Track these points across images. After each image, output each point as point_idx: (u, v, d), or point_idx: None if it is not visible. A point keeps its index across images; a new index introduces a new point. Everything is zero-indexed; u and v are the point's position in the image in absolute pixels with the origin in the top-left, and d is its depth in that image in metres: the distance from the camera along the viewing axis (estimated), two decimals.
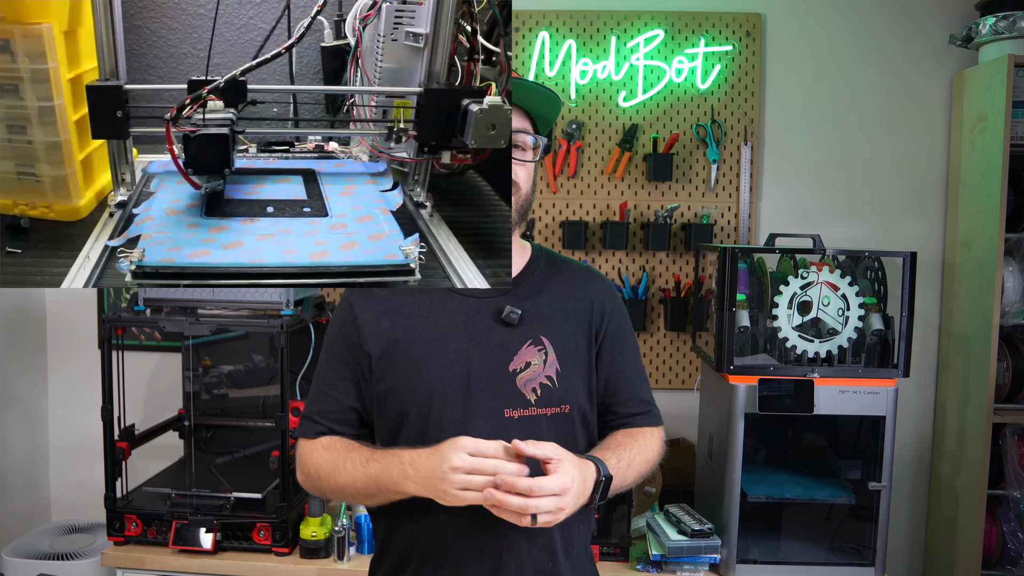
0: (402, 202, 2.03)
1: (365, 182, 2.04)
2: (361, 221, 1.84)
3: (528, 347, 1.31)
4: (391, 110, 2.04)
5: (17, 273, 1.83)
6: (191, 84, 1.80)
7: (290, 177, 2.08)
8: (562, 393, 1.32)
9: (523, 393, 1.30)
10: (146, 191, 2.02)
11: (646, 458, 1.35)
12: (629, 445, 1.32)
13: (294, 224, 1.80)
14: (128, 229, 1.79)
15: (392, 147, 2.06)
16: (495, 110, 1.82)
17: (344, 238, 1.74)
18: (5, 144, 1.96)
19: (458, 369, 1.29)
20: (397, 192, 2.07)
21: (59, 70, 1.90)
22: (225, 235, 1.73)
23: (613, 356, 1.38)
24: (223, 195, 1.97)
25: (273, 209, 1.88)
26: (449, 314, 1.33)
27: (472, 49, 2.12)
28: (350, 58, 2.15)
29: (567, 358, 1.34)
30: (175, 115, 1.71)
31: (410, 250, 1.67)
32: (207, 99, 1.75)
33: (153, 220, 1.79)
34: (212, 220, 1.81)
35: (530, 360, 1.31)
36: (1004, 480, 2.38)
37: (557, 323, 1.35)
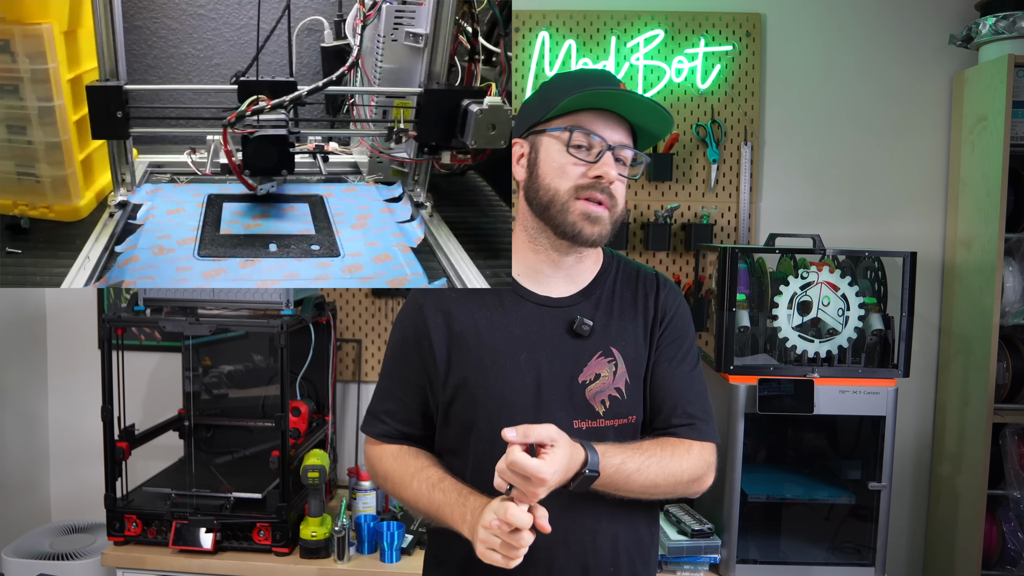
0: (423, 236, 1.85)
1: (380, 211, 1.89)
2: (378, 261, 1.65)
3: (598, 358, 1.31)
4: (391, 110, 2.04)
5: (17, 273, 1.83)
6: (242, 85, 1.76)
7: (295, 205, 1.90)
8: (630, 404, 1.32)
9: (592, 405, 1.30)
10: (131, 223, 1.83)
11: (666, 470, 1.26)
12: (651, 452, 1.26)
13: (301, 267, 1.58)
14: (109, 272, 1.60)
15: (392, 147, 2.06)
16: (495, 110, 1.82)
17: (359, 284, 1.56)
18: (5, 144, 1.96)
19: (528, 380, 1.29)
20: (417, 224, 1.90)
21: (59, 70, 1.90)
22: (220, 281, 1.52)
23: (661, 364, 1.35)
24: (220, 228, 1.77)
25: (276, 247, 1.67)
26: (521, 323, 1.32)
27: (473, 50, 2.13)
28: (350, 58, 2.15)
29: (636, 369, 1.34)
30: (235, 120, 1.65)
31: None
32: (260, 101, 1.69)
33: (139, 261, 1.58)
34: (206, 262, 1.58)
35: (600, 372, 1.31)
36: (1004, 480, 2.38)
37: (627, 333, 1.34)
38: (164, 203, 1.83)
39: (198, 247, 1.64)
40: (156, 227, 1.72)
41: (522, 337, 1.31)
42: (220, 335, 2.53)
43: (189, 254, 1.60)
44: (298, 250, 1.64)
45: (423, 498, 1.28)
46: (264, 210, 1.85)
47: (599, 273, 1.39)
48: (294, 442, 2.21)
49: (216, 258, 1.59)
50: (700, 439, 1.33)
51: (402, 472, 1.33)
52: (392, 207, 1.95)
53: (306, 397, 2.51)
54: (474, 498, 1.21)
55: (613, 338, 1.33)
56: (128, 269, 1.53)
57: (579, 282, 1.37)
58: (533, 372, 1.29)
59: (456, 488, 1.25)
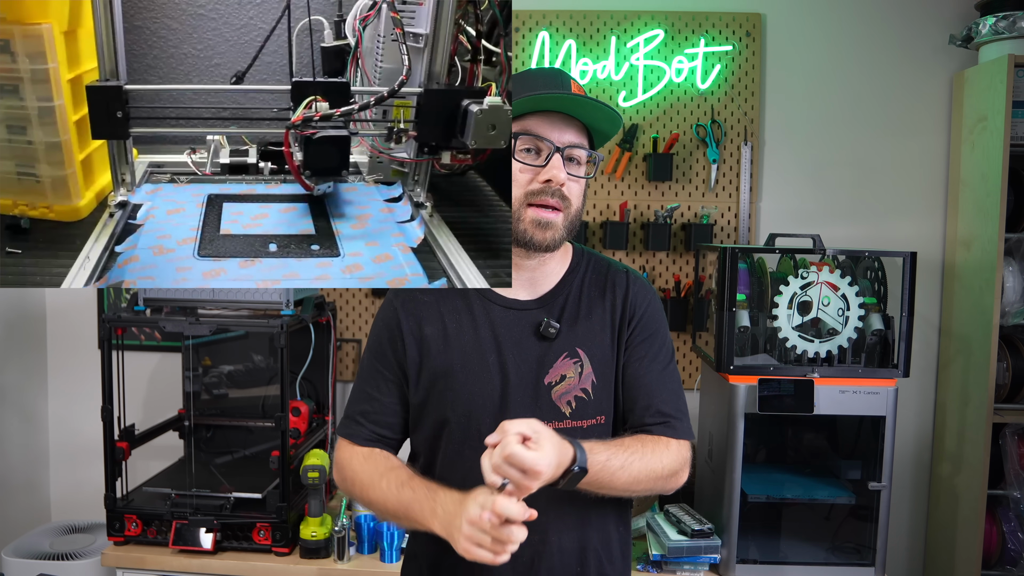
0: (423, 236, 1.86)
1: (380, 211, 1.91)
2: (378, 262, 1.65)
3: (563, 360, 1.32)
4: (391, 110, 2.04)
5: (17, 273, 1.83)
6: (296, 86, 1.77)
7: (295, 205, 1.91)
8: (598, 405, 1.33)
9: (558, 406, 1.30)
10: (131, 223, 1.83)
11: (648, 466, 1.26)
12: (633, 448, 1.27)
13: (301, 267, 1.58)
14: (109, 272, 1.61)
15: (392, 147, 2.06)
16: (495, 110, 1.82)
17: (359, 284, 1.56)
18: (5, 144, 1.96)
19: (496, 382, 1.30)
20: (417, 224, 1.92)
21: (59, 70, 1.90)
22: (220, 281, 1.52)
23: (633, 364, 1.35)
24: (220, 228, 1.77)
25: (276, 247, 1.67)
26: (488, 325, 1.33)
27: (475, 51, 2.13)
28: (350, 58, 2.16)
29: (604, 369, 1.34)
30: (301, 122, 1.66)
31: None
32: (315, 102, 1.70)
33: (139, 261, 1.58)
34: (206, 262, 1.59)
35: (565, 373, 1.31)
36: (1004, 480, 2.38)
37: (594, 334, 1.35)
38: (164, 203, 1.84)
39: (198, 247, 1.64)
40: (156, 227, 1.72)
41: (490, 340, 1.32)
42: (220, 335, 2.53)
43: (189, 254, 1.61)
44: (298, 250, 1.64)
45: (391, 497, 1.26)
46: (263, 210, 1.85)
47: (567, 273, 1.40)
48: (294, 442, 2.21)
49: (216, 258, 1.59)
50: (676, 437, 1.34)
51: (371, 472, 1.32)
52: (392, 207, 1.97)
53: (306, 397, 2.51)
54: (444, 493, 1.20)
55: (579, 339, 1.33)
56: (128, 269, 1.53)
57: (546, 284, 1.37)
58: (500, 374, 1.30)
59: (425, 485, 1.24)
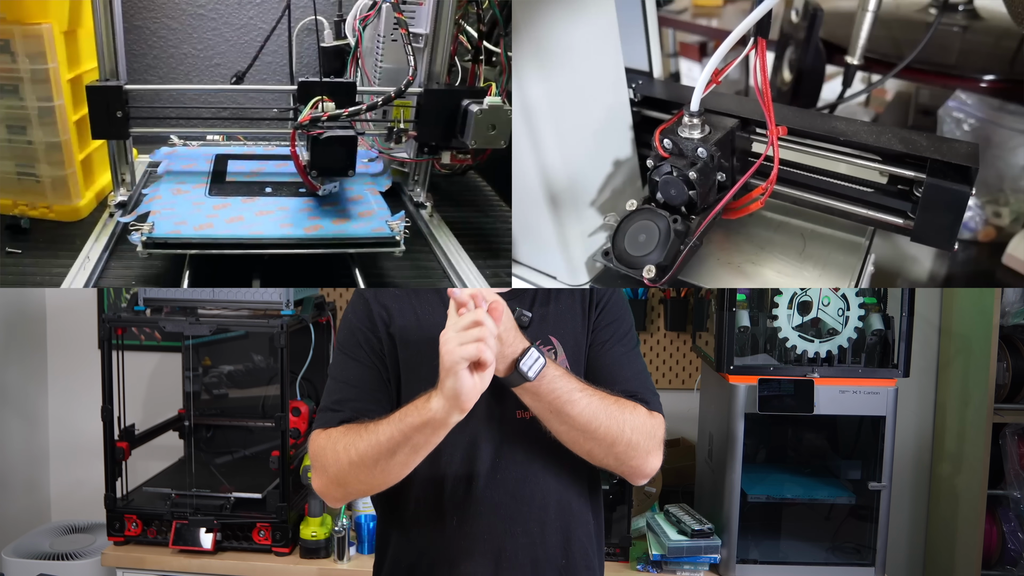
0: (390, 184, 2.19)
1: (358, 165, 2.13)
2: (352, 200, 2.00)
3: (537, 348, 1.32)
4: (391, 110, 2.05)
5: (17, 273, 1.83)
6: (302, 86, 1.83)
7: (287, 162, 2.16)
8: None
9: None
10: (154, 175, 2.16)
11: (609, 412, 1.22)
12: (595, 391, 1.22)
13: (290, 202, 1.95)
14: (139, 206, 1.92)
15: (392, 147, 2.07)
16: (495, 110, 1.82)
17: (336, 214, 1.90)
18: (5, 144, 1.96)
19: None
20: (386, 176, 2.22)
21: (59, 70, 1.91)
22: (227, 211, 1.87)
23: (596, 346, 1.35)
24: (225, 176, 2.11)
25: (271, 189, 2.03)
26: None
27: (475, 51, 2.13)
28: (350, 58, 2.16)
29: (576, 355, 1.34)
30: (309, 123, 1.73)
31: (396, 225, 1.82)
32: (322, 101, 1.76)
33: (161, 199, 1.93)
34: (215, 199, 1.95)
35: None
36: (1004, 480, 2.38)
37: (565, 321, 1.35)
38: (180, 160, 2.23)
39: (209, 189, 2.02)
40: (174, 176, 2.11)
41: None
42: (220, 335, 2.53)
43: (202, 194, 1.99)
44: (288, 191, 2.02)
45: (381, 431, 1.18)
46: (261, 165, 2.21)
47: None
48: (294, 442, 2.21)
49: (223, 196, 1.96)
50: (645, 407, 1.30)
51: (352, 434, 1.23)
52: (368, 164, 2.27)
53: (306, 397, 2.51)
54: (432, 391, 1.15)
55: (551, 327, 1.34)
56: (154, 203, 1.89)
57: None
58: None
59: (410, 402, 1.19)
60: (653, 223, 1.41)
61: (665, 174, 1.42)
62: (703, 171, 1.40)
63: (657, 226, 1.41)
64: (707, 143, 1.41)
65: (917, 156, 1.36)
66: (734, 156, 1.50)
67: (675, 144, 1.43)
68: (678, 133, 1.44)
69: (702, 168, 1.39)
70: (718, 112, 1.49)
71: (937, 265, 2.02)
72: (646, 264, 1.38)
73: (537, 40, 1.38)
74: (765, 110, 1.33)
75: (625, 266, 1.41)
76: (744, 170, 1.46)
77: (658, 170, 1.43)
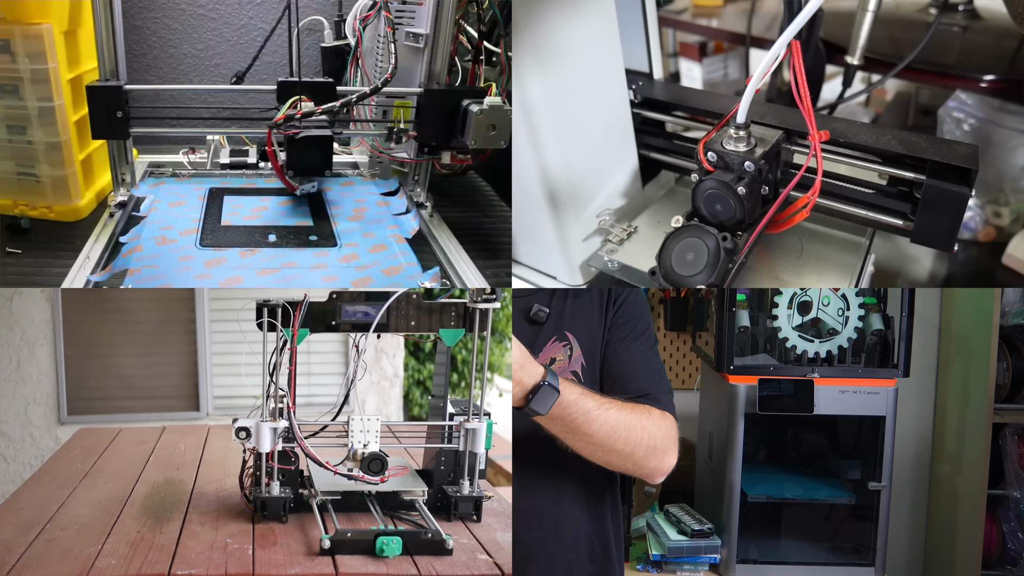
0: (417, 227, 1.93)
1: (376, 204, 1.98)
2: (374, 251, 1.73)
3: (553, 343, 1.34)
4: (391, 110, 2.05)
5: (17, 273, 1.83)
6: (281, 86, 1.79)
7: (293, 198, 1.97)
8: (587, 387, 1.32)
9: None
10: (135, 215, 1.90)
11: (627, 422, 1.23)
12: (612, 402, 1.24)
13: (299, 256, 1.67)
14: (113, 262, 1.67)
15: (392, 147, 2.07)
16: (495, 110, 1.82)
17: (355, 273, 1.63)
18: (5, 144, 1.96)
19: None
20: (412, 216, 1.98)
21: (59, 70, 1.91)
22: (221, 270, 1.59)
23: (613, 344, 1.37)
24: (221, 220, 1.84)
25: (275, 237, 1.75)
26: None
27: (475, 51, 2.13)
28: (350, 58, 2.16)
29: (592, 352, 1.36)
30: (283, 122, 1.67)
31: (429, 287, 1.64)
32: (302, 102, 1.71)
33: (142, 251, 1.66)
34: (207, 251, 1.67)
35: (555, 356, 1.34)
36: (1004, 480, 2.38)
37: (582, 317, 1.37)
38: (167, 196, 1.92)
39: (200, 237, 1.72)
40: (159, 219, 1.80)
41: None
42: None
43: (191, 244, 1.69)
44: (296, 240, 1.71)
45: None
46: (263, 203, 1.91)
47: None
48: None
49: (217, 248, 1.67)
50: (658, 408, 1.31)
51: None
52: (388, 200, 2.01)
53: None
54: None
55: (568, 323, 1.36)
56: (133, 257, 1.61)
57: None
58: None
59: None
60: (701, 241, 1.36)
61: (711, 189, 1.36)
62: (751, 186, 1.34)
63: (705, 244, 1.35)
64: (754, 156, 1.35)
65: (917, 157, 1.36)
66: (779, 168, 1.45)
67: (720, 157, 1.37)
68: (723, 146, 1.37)
69: (750, 183, 1.33)
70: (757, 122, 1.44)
71: (937, 265, 2.02)
72: (695, 284, 1.35)
73: (537, 40, 1.38)
74: (807, 117, 1.28)
75: (673, 285, 1.39)
76: (785, 181, 1.41)
77: (703, 184, 1.37)
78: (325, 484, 1.47)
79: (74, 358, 3.43)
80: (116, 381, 3.50)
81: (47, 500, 1.58)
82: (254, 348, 1.38)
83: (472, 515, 1.55)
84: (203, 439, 2.09)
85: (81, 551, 1.31)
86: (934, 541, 2.62)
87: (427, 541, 1.36)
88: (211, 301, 3.50)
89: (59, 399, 3.41)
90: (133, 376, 3.51)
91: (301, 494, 1.50)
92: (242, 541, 1.37)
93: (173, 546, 1.34)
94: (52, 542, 1.36)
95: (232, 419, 1.42)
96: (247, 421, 1.41)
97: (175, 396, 3.57)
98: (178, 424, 2.61)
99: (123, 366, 3.51)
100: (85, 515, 1.50)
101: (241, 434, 1.41)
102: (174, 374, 3.56)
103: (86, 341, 3.45)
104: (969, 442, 2.42)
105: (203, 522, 1.46)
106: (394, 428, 2.09)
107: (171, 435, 2.18)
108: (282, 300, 1.36)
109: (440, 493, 1.56)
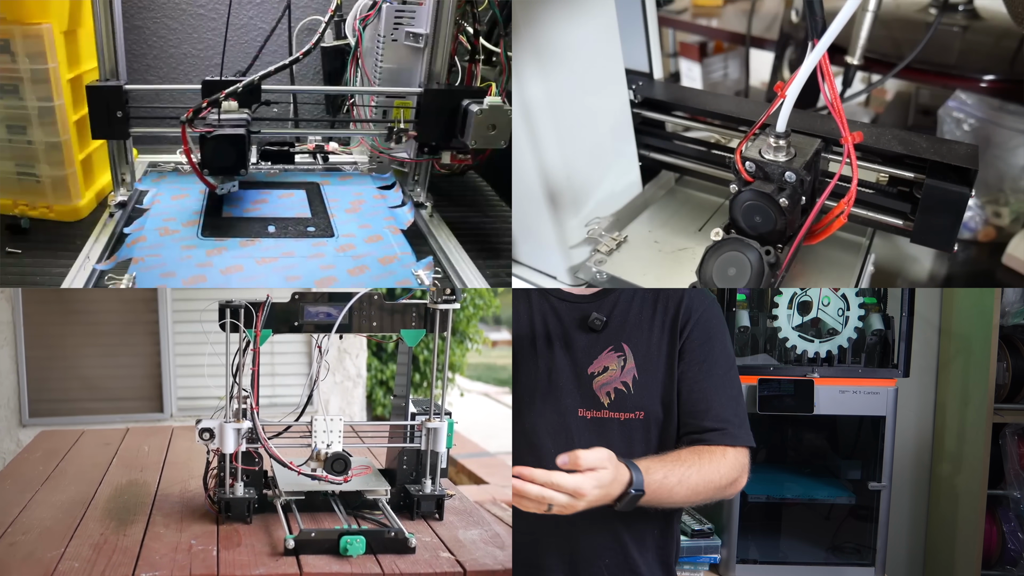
0: (412, 219, 1.98)
1: (373, 197, 2.00)
2: (370, 242, 1.79)
3: (608, 352, 1.35)
4: (391, 110, 2.05)
5: (17, 273, 1.84)
6: (205, 85, 1.78)
7: (292, 192, 2.01)
8: (637, 399, 1.35)
9: (598, 396, 1.34)
10: (138, 207, 1.95)
11: (706, 478, 1.28)
12: (690, 462, 1.28)
13: (297, 246, 1.74)
14: (118, 251, 1.73)
15: (392, 147, 2.07)
16: (495, 110, 1.82)
17: (352, 262, 1.70)
18: (5, 144, 1.96)
19: (542, 367, 1.36)
20: (407, 208, 2.02)
21: (59, 70, 1.91)
22: (223, 258, 1.66)
23: (690, 368, 1.37)
24: (222, 212, 1.88)
25: (275, 228, 1.82)
26: (541, 316, 1.39)
27: (474, 50, 2.13)
28: (350, 58, 2.16)
29: (647, 366, 1.36)
30: (191, 116, 1.69)
31: (423, 274, 1.69)
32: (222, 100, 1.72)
33: (145, 241, 1.72)
34: (209, 241, 1.73)
35: (608, 365, 1.35)
36: (1004, 480, 2.38)
37: (642, 331, 1.37)
38: (169, 189, 1.98)
39: (201, 228, 1.77)
40: (162, 211, 1.85)
41: (541, 329, 1.38)
42: None
43: (193, 235, 1.74)
44: (295, 231, 1.77)
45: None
46: (263, 196, 1.96)
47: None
48: None
49: (219, 238, 1.73)
50: (733, 444, 1.35)
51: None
52: (384, 194, 2.05)
53: None
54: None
55: (625, 334, 1.36)
56: (137, 247, 1.67)
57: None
58: (546, 361, 1.36)
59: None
60: (743, 255, 1.33)
61: (750, 200, 1.31)
62: (792, 196, 1.29)
63: (748, 259, 1.32)
64: (794, 166, 1.30)
65: (917, 157, 1.36)
66: (816, 177, 1.42)
67: (760, 167, 1.32)
68: (762, 155, 1.33)
69: (792, 193, 1.29)
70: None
71: (937, 265, 2.02)
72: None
73: (537, 40, 1.38)
74: (840, 123, 1.25)
75: None
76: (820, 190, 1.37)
77: (741, 196, 1.33)
78: (289, 484, 1.49)
79: (36, 359, 3.39)
80: (79, 383, 3.47)
81: (9, 504, 1.57)
82: (217, 349, 1.38)
83: (434, 513, 1.57)
84: (167, 441, 2.10)
85: (44, 555, 1.31)
86: (934, 541, 2.62)
87: (390, 540, 1.38)
88: (174, 302, 3.48)
89: (20, 401, 3.38)
90: (96, 378, 3.49)
91: (265, 495, 1.51)
92: (206, 542, 1.37)
93: (137, 548, 1.34)
94: (14, 546, 1.36)
95: (196, 420, 1.42)
96: (211, 422, 1.42)
97: (138, 398, 3.55)
98: (142, 426, 2.62)
99: (86, 367, 3.48)
100: (48, 518, 1.50)
101: (205, 435, 1.41)
102: (137, 375, 3.54)
103: (48, 342, 3.42)
104: (969, 442, 2.42)
105: (167, 524, 1.47)
106: (357, 428, 2.12)
107: (134, 437, 2.19)
108: (244, 301, 1.37)
109: (403, 492, 1.58)
